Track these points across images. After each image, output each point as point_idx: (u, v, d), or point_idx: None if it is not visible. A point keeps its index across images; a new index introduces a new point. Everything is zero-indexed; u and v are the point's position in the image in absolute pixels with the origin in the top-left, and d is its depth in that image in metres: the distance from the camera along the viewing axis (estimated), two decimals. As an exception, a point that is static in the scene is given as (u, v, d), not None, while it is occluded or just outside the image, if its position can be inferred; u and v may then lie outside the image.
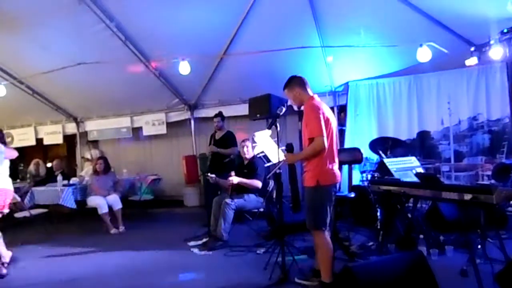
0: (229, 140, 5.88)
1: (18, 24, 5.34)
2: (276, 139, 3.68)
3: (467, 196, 2.87)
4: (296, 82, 3.34)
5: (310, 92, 3.33)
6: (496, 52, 5.00)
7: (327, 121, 3.13)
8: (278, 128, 3.51)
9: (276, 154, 3.80)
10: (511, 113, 5.64)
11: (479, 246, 3.63)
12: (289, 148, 3.52)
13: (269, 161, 4.80)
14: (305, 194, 3.23)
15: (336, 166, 3.24)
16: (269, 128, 3.69)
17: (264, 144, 4.52)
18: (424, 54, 5.26)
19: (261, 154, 5.12)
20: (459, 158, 5.94)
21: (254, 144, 4.99)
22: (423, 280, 2.53)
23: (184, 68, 5.96)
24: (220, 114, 6.02)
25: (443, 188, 3.20)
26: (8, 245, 4.45)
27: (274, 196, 5.13)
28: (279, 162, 3.68)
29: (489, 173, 4.96)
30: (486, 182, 4.92)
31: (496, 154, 5.69)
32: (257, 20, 5.51)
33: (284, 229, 3.87)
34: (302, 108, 3.32)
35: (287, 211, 4.88)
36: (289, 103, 4.87)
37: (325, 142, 3.03)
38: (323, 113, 3.12)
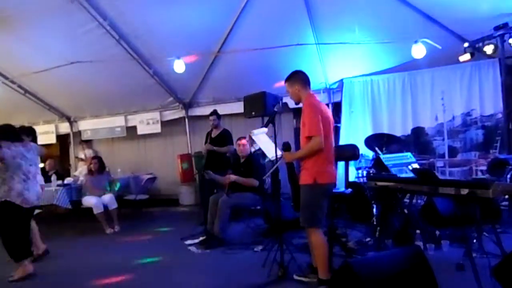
0: (225, 138, 5.85)
1: (9, 23, 5.28)
2: (273, 136, 3.68)
3: (464, 191, 2.89)
4: (298, 78, 3.32)
5: (310, 90, 3.32)
6: (489, 48, 5.06)
7: (325, 120, 3.13)
8: (275, 126, 3.50)
9: (273, 152, 3.79)
10: (504, 108, 5.69)
11: (475, 240, 3.67)
12: (286, 147, 3.52)
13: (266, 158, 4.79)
14: (301, 192, 3.22)
15: (333, 166, 3.23)
16: (266, 126, 3.69)
17: (261, 142, 4.51)
18: (418, 51, 5.32)
19: (258, 152, 5.11)
20: (453, 153, 5.99)
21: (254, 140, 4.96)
22: (422, 274, 2.55)
23: (179, 66, 5.93)
24: (215, 112, 5.97)
25: (440, 183, 3.23)
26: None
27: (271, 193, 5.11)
28: (277, 160, 3.67)
29: (483, 168, 5.00)
30: (480, 176, 4.98)
31: (490, 149, 5.75)
32: (252, 18, 5.51)
33: (282, 226, 3.87)
34: (300, 105, 3.31)
35: (284, 208, 4.88)
36: (284, 100, 4.88)
37: (322, 141, 3.03)
38: (321, 112, 3.12)
